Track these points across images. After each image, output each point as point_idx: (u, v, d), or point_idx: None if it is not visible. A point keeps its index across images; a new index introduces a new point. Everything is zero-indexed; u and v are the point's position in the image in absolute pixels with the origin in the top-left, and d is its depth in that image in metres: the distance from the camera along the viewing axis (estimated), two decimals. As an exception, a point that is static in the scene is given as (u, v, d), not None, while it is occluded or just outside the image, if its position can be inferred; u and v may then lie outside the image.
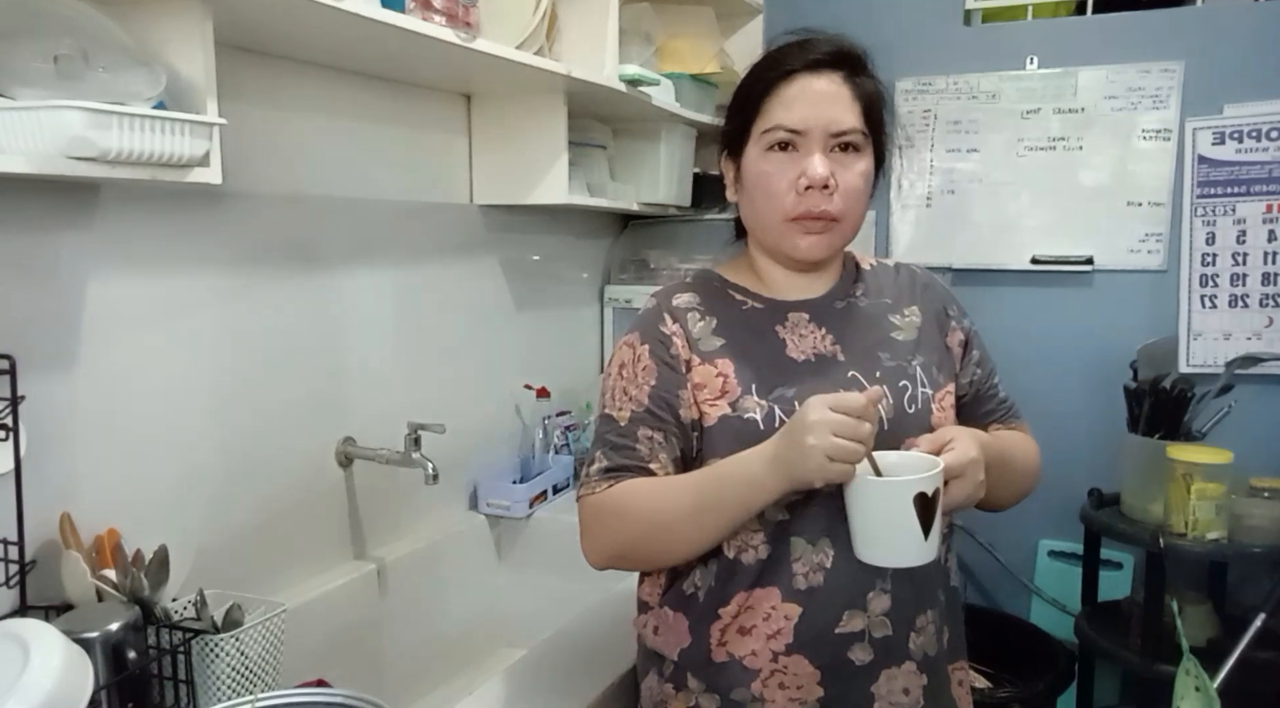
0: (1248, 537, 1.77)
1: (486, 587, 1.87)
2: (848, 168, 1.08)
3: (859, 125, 1.08)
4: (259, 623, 1.18)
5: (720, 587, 1.08)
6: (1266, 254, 2.03)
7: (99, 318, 1.19)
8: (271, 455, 1.45)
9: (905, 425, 1.08)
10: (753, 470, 1.00)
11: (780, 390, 1.08)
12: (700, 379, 1.10)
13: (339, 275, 1.56)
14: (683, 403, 1.09)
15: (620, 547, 1.09)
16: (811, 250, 1.10)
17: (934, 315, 1.19)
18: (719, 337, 1.12)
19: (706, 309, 1.15)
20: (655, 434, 1.08)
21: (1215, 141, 2.05)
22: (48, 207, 1.13)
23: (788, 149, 1.08)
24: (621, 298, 2.32)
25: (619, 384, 1.12)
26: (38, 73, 0.98)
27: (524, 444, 2.03)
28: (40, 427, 1.12)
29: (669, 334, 1.12)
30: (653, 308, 1.17)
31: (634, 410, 1.09)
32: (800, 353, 1.11)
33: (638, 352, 1.13)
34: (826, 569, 1.05)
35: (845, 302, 1.17)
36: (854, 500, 0.98)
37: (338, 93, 1.54)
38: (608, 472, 1.09)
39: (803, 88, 1.08)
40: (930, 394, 1.12)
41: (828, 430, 0.93)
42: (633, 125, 2.11)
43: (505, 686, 1.18)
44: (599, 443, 1.12)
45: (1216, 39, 2.06)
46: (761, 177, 1.09)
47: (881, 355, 1.12)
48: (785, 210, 1.08)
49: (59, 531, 1.13)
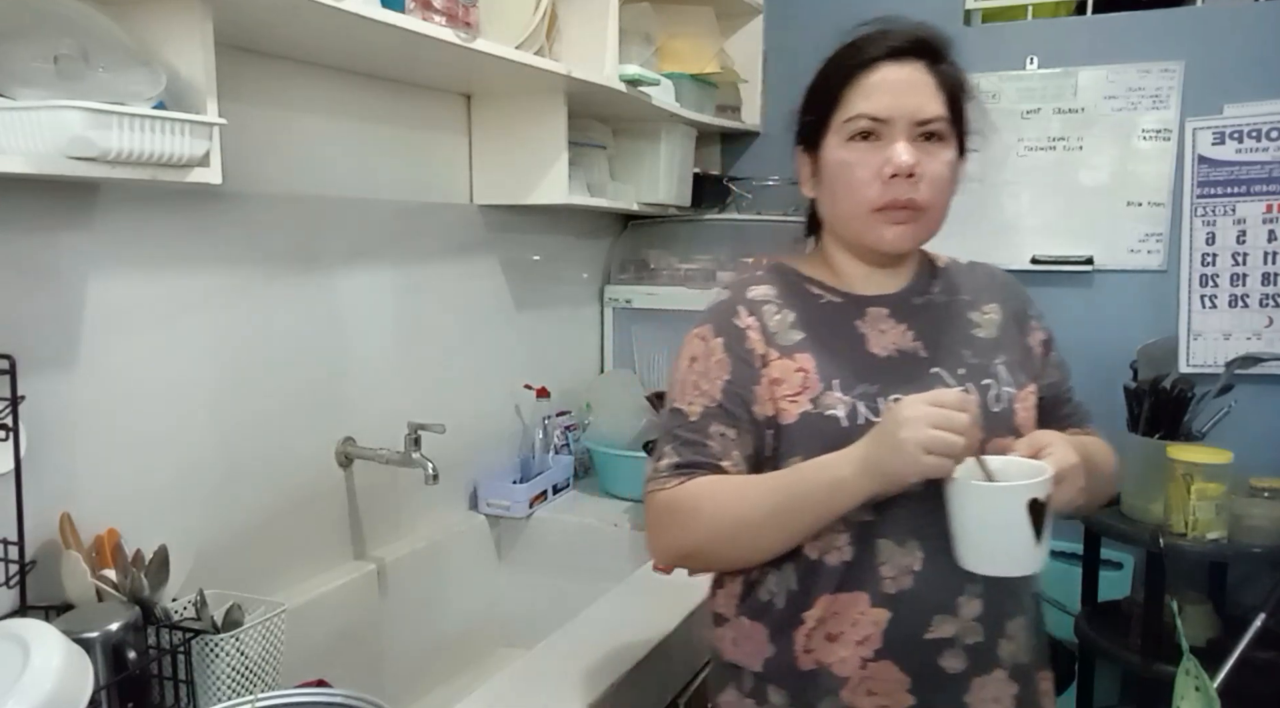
0: (1248, 537, 1.77)
1: (486, 587, 1.87)
2: (933, 157, 1.04)
3: (943, 113, 1.05)
4: (259, 623, 1.18)
5: (803, 590, 1.04)
6: (1266, 254, 2.03)
7: (99, 318, 1.19)
8: (271, 455, 1.45)
9: (990, 425, 1.03)
10: (838, 471, 0.96)
11: (864, 387, 1.04)
12: (778, 374, 1.05)
13: (339, 275, 1.56)
14: (757, 399, 1.05)
15: (691, 546, 1.06)
16: (898, 241, 1.06)
17: (1014, 314, 1.15)
18: (798, 330, 1.08)
19: (784, 302, 1.10)
20: (728, 431, 1.05)
21: (1215, 141, 2.05)
22: (48, 207, 1.13)
23: (870, 139, 1.04)
24: (621, 298, 2.32)
25: (689, 378, 1.09)
26: (38, 73, 0.98)
27: (524, 444, 2.03)
28: (40, 427, 1.12)
29: (744, 327, 1.08)
30: (726, 299, 1.12)
31: (706, 405, 1.06)
32: (883, 349, 1.08)
33: (710, 344, 1.09)
34: (916, 572, 1.01)
35: (924, 298, 1.13)
36: (961, 507, 0.94)
37: (338, 93, 1.54)
38: (678, 468, 1.05)
39: (885, 76, 1.05)
40: (1013, 393, 1.08)
41: (923, 423, 0.90)
42: (633, 125, 2.11)
43: (505, 686, 1.18)
44: (668, 438, 1.08)
45: (1216, 39, 2.06)
46: (843, 167, 1.05)
47: (964, 353, 1.09)
48: (870, 200, 1.04)
49: (59, 531, 1.13)
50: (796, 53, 2.41)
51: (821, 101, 1.09)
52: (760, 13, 2.44)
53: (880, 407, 1.03)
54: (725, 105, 2.38)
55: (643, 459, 1.84)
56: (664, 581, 1.51)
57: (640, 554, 1.70)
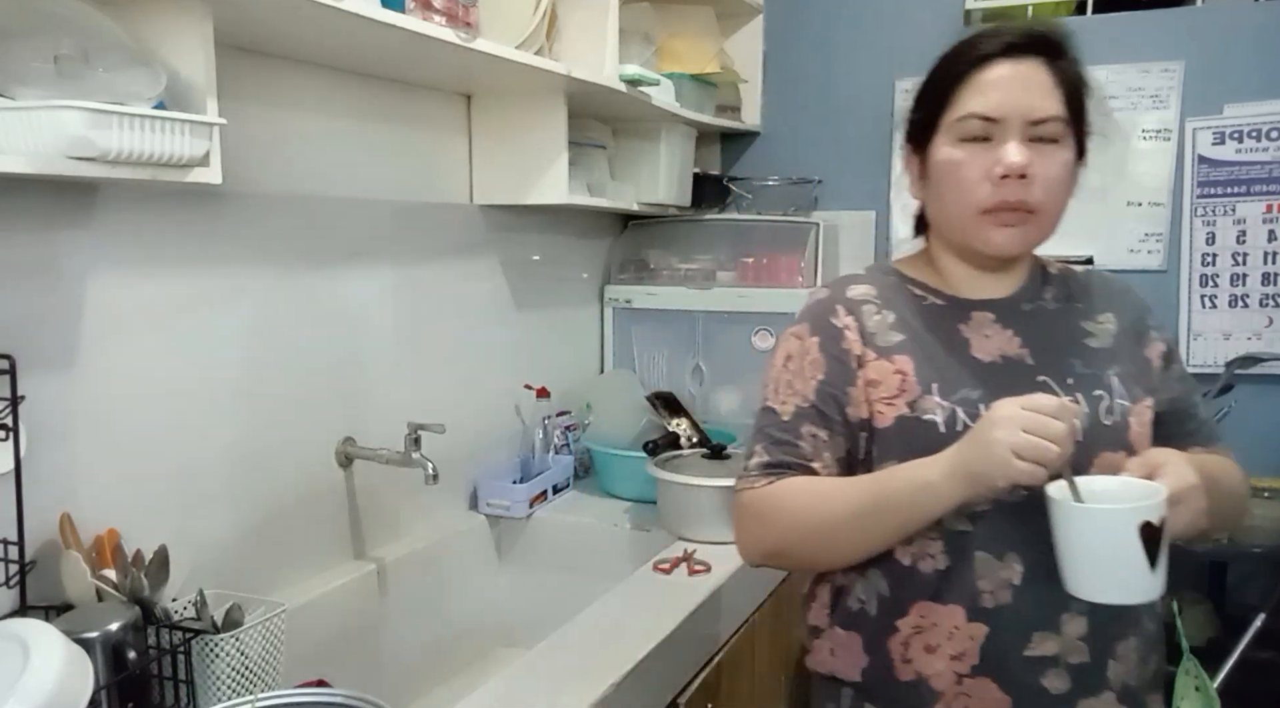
0: (1248, 537, 1.78)
1: (486, 587, 1.87)
2: (1047, 158, 1.00)
3: (1060, 113, 1.00)
4: (259, 623, 1.18)
5: (895, 597, 1.02)
6: (1266, 254, 2.03)
7: (99, 318, 1.19)
8: (271, 455, 1.45)
9: (1101, 438, 1.00)
10: (926, 474, 0.93)
11: (964, 392, 1.01)
12: (875, 376, 1.03)
13: (339, 276, 1.56)
14: (851, 401, 1.03)
15: (778, 545, 1.05)
16: (1006, 244, 1.02)
17: (1131, 324, 1.10)
18: (897, 332, 1.06)
19: (884, 302, 1.08)
20: (820, 432, 1.03)
21: (1215, 141, 2.05)
22: (48, 207, 1.13)
23: (981, 139, 1.00)
24: (621, 298, 2.32)
25: (784, 377, 1.07)
26: (38, 73, 0.98)
27: (524, 444, 2.03)
28: (40, 427, 1.12)
29: (841, 327, 1.06)
30: (824, 298, 1.10)
31: (799, 405, 1.05)
32: (987, 354, 1.04)
33: (806, 344, 1.07)
34: (1015, 587, 0.98)
35: (1033, 304, 1.09)
36: (1066, 530, 0.89)
37: (338, 93, 1.54)
38: (768, 467, 1.04)
39: (999, 74, 1.00)
40: (1127, 407, 1.03)
41: (1016, 425, 0.87)
42: (633, 125, 2.11)
43: (505, 686, 1.18)
44: (759, 436, 1.07)
45: (1216, 39, 2.06)
46: (952, 167, 1.02)
47: (1074, 362, 1.05)
48: (978, 202, 1.00)
49: (59, 530, 1.13)
50: (796, 53, 2.43)
51: (932, 100, 1.06)
52: (760, 13, 2.44)
53: (981, 413, 0.98)
54: (725, 105, 2.38)
55: (643, 459, 1.84)
56: (664, 580, 1.51)
57: (640, 554, 1.70)
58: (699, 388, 2.28)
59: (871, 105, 2.35)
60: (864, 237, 2.40)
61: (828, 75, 2.40)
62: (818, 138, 2.44)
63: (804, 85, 2.44)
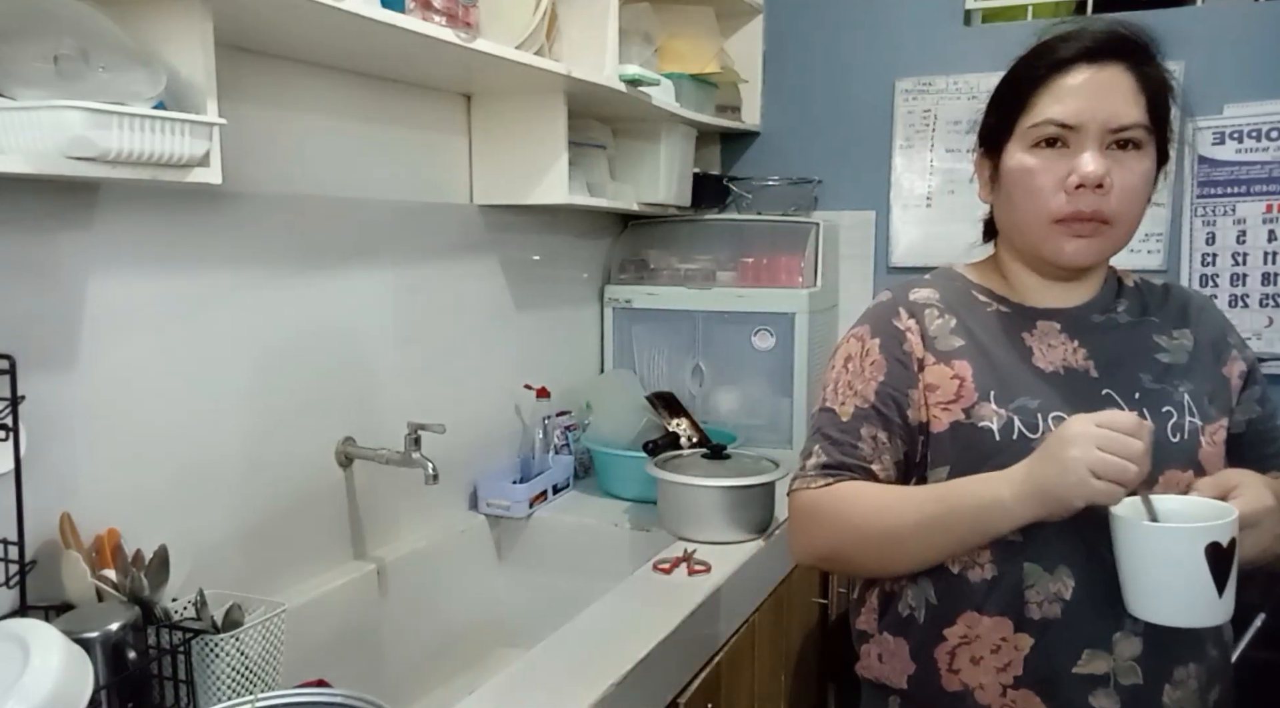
0: (1248, 537, 1.77)
1: (486, 587, 1.87)
2: (1125, 167, 0.97)
3: (1141, 120, 0.97)
4: (259, 623, 1.18)
5: (944, 605, 1.00)
6: (1266, 254, 2.03)
7: (99, 318, 1.19)
8: (271, 455, 1.45)
9: (1168, 456, 0.96)
10: (996, 491, 0.90)
11: (1022, 400, 0.99)
12: (933, 380, 1.02)
13: (339, 275, 1.56)
14: (912, 403, 1.02)
15: (832, 550, 1.03)
16: (1078, 255, 1.00)
17: (1210, 342, 1.07)
18: (958, 337, 1.04)
19: (946, 307, 1.07)
20: (880, 433, 1.02)
21: (1215, 141, 2.05)
22: (48, 207, 1.13)
23: (1057, 145, 0.98)
24: (621, 298, 2.32)
25: (844, 378, 1.06)
26: (38, 73, 0.98)
27: (524, 444, 2.03)
28: (40, 427, 1.12)
29: (902, 330, 1.05)
30: (887, 300, 1.09)
31: (858, 406, 1.03)
32: (1048, 364, 1.02)
33: (867, 345, 1.06)
34: (1065, 601, 0.95)
35: (1105, 316, 1.07)
36: (1130, 549, 0.86)
37: (338, 93, 1.54)
38: (826, 468, 1.03)
39: (1078, 79, 0.97)
40: (1199, 426, 1.00)
41: (1092, 443, 0.84)
42: (633, 125, 2.11)
43: (505, 686, 1.18)
44: (817, 437, 1.05)
45: (1216, 39, 2.06)
46: (1024, 173, 0.99)
47: (1142, 377, 1.02)
48: (1051, 211, 0.98)
49: (59, 531, 1.13)
50: (796, 53, 2.43)
51: (1008, 104, 1.03)
52: (760, 13, 2.44)
53: (1039, 423, 0.98)
54: (725, 105, 2.38)
55: (643, 459, 1.84)
56: (664, 580, 1.51)
57: (640, 554, 1.70)
58: (699, 388, 2.28)
59: (871, 105, 2.35)
60: (864, 237, 2.40)
61: (828, 75, 2.40)
62: (818, 138, 2.44)
63: (804, 85, 2.44)
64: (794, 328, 2.17)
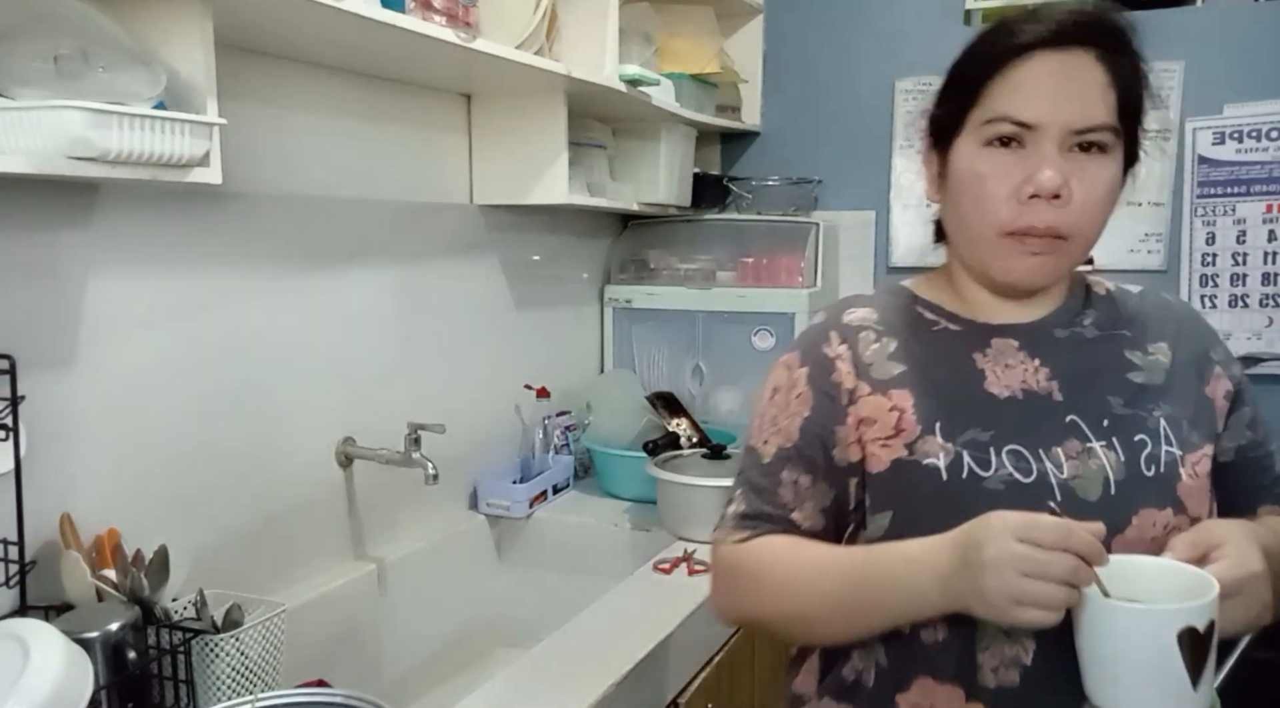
0: (1248, 537, 1.77)
1: (486, 587, 1.87)
2: (1088, 174, 0.85)
3: (1109, 121, 0.85)
4: (259, 623, 1.18)
5: (895, 669, 0.88)
6: (1266, 254, 2.03)
7: (99, 318, 1.19)
8: (272, 455, 1.45)
9: (1139, 493, 0.85)
10: (919, 582, 0.79)
11: (972, 433, 0.87)
12: (869, 413, 0.90)
13: (339, 275, 1.56)
14: (839, 441, 0.90)
15: (751, 617, 0.95)
16: (1029, 276, 0.88)
17: (1192, 357, 0.94)
18: (898, 362, 0.92)
19: (886, 328, 0.94)
20: (802, 477, 0.91)
21: (1215, 141, 2.05)
22: (48, 207, 1.13)
23: (1011, 145, 0.85)
24: (621, 298, 2.32)
25: (769, 412, 0.95)
26: (38, 73, 0.98)
27: (524, 444, 2.03)
28: (40, 427, 1.12)
29: (832, 357, 0.93)
30: (819, 323, 0.98)
31: (781, 446, 0.92)
32: (1004, 388, 0.89)
33: (794, 375, 0.94)
34: (1024, 667, 0.83)
35: (1068, 330, 0.94)
36: (1090, 629, 0.74)
37: (338, 93, 1.54)
38: (744, 519, 0.92)
39: (1040, 69, 0.84)
40: (1178, 456, 0.88)
41: (1012, 569, 0.71)
42: (633, 125, 2.11)
43: (505, 686, 1.18)
44: (740, 481, 0.96)
45: (1216, 39, 2.06)
46: (974, 178, 0.87)
47: (1112, 400, 0.89)
48: (1000, 223, 0.86)
49: (59, 531, 1.13)
50: (796, 53, 2.43)
51: (958, 94, 0.90)
52: (760, 13, 2.44)
53: (991, 460, 0.86)
54: (725, 105, 2.38)
55: (643, 459, 1.84)
56: (664, 581, 1.51)
57: (640, 554, 1.70)
58: (699, 388, 2.28)
59: (871, 105, 2.35)
60: (864, 237, 2.40)
61: (828, 75, 2.40)
62: (818, 138, 2.44)
63: (804, 85, 2.44)
64: (794, 328, 2.17)
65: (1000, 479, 0.85)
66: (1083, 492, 0.85)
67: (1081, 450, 0.87)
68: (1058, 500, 0.84)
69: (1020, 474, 0.86)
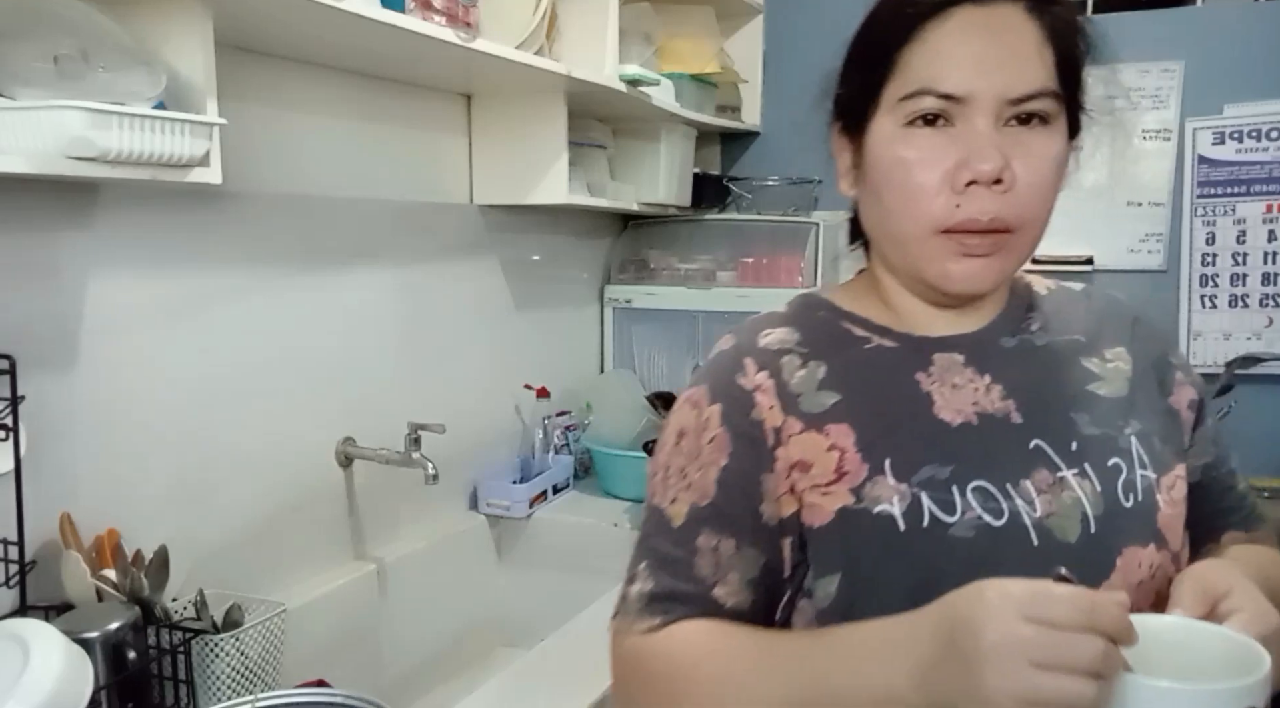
0: (1248, 537, 1.77)
1: (486, 587, 1.87)
2: (1032, 151, 0.71)
3: (1050, 84, 0.71)
4: (259, 623, 1.18)
5: None
6: (1266, 254, 2.03)
7: (99, 318, 1.19)
8: (272, 455, 1.45)
9: (1122, 528, 0.72)
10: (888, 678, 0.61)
11: (929, 470, 0.72)
12: (802, 455, 0.74)
13: (339, 275, 1.56)
14: (767, 494, 0.74)
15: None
16: (971, 280, 0.73)
17: (1151, 363, 0.82)
18: (831, 390, 0.76)
19: (811, 350, 0.78)
20: (724, 542, 0.73)
21: (1215, 141, 2.05)
22: (48, 207, 1.13)
23: (938, 123, 0.71)
24: (621, 298, 2.32)
25: (675, 462, 0.77)
26: (38, 73, 0.98)
27: (524, 444, 2.03)
28: (40, 427, 1.12)
29: (750, 390, 0.76)
30: (729, 349, 0.81)
31: (694, 504, 0.75)
32: (955, 412, 0.75)
33: (704, 414, 0.77)
34: None
35: (1016, 339, 0.80)
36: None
37: (338, 93, 1.54)
38: (653, 601, 0.74)
39: (963, 29, 0.70)
40: (1154, 480, 0.75)
41: (1022, 659, 0.54)
42: (633, 125, 2.11)
43: (505, 686, 1.18)
44: (643, 550, 0.78)
45: (1216, 39, 2.06)
46: (897, 166, 0.73)
47: (1077, 418, 0.76)
48: (933, 219, 0.71)
49: (59, 530, 1.13)
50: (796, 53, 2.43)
51: (868, 64, 0.75)
52: (760, 13, 2.44)
53: (956, 501, 0.71)
54: (725, 105, 2.38)
55: (643, 460, 1.84)
56: (664, 581, 1.51)
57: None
58: (699, 388, 2.28)
59: (871, 105, 2.35)
60: (864, 237, 2.40)
61: (828, 75, 2.40)
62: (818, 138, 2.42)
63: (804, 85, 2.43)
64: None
65: (969, 525, 0.71)
66: (1061, 533, 0.72)
67: (1053, 482, 0.73)
68: (1035, 545, 0.70)
69: (990, 516, 0.71)
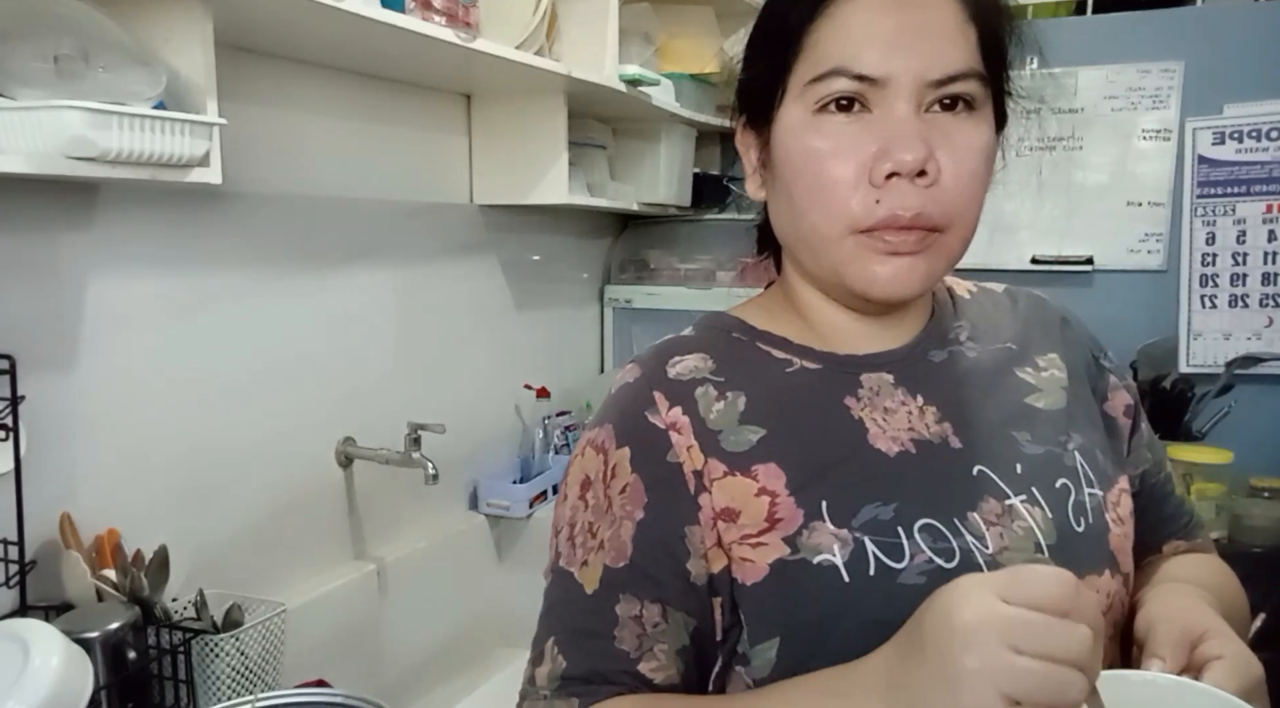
0: (1248, 537, 1.78)
1: (486, 587, 1.87)
2: (957, 140, 0.63)
3: (974, 65, 0.64)
4: (259, 623, 1.18)
5: None
6: (1266, 254, 2.03)
7: (99, 318, 1.19)
8: (272, 455, 1.45)
9: (1077, 557, 0.65)
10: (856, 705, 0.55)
11: (871, 510, 0.64)
12: (728, 501, 0.64)
13: (339, 275, 1.56)
14: (692, 549, 0.64)
15: None
16: (896, 283, 0.64)
17: (1083, 367, 0.76)
18: (754, 425, 0.67)
19: (728, 379, 0.69)
20: (647, 609, 0.64)
21: (1215, 141, 2.05)
22: (48, 207, 1.13)
23: (853, 109, 0.63)
24: (621, 298, 2.32)
25: (580, 517, 0.67)
26: (38, 73, 0.98)
27: (524, 444, 2.03)
28: (40, 427, 1.12)
29: (664, 429, 0.66)
30: (635, 381, 0.70)
31: (609, 566, 0.65)
32: (892, 441, 0.67)
33: (612, 459, 0.67)
34: None
35: (945, 352, 0.73)
36: None
37: (338, 93, 1.54)
38: (568, 684, 0.65)
39: (880, 3, 0.63)
40: (1101, 497, 0.69)
41: (1002, 642, 0.49)
42: (633, 125, 2.11)
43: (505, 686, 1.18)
44: (550, 623, 0.68)
45: (1216, 39, 2.06)
46: (809, 158, 0.65)
47: (1018, 436, 0.69)
48: (851, 216, 0.64)
49: (59, 530, 1.13)
50: (796, 53, 2.43)
51: (773, 45, 0.67)
52: (760, 13, 2.44)
53: (904, 545, 0.63)
54: (725, 105, 2.36)
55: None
56: (664, 581, 1.51)
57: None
58: (699, 388, 2.28)
59: (871, 105, 2.35)
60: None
61: (828, 75, 2.40)
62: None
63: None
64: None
65: (919, 570, 0.63)
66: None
67: (1002, 511, 0.66)
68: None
69: (941, 559, 0.63)
